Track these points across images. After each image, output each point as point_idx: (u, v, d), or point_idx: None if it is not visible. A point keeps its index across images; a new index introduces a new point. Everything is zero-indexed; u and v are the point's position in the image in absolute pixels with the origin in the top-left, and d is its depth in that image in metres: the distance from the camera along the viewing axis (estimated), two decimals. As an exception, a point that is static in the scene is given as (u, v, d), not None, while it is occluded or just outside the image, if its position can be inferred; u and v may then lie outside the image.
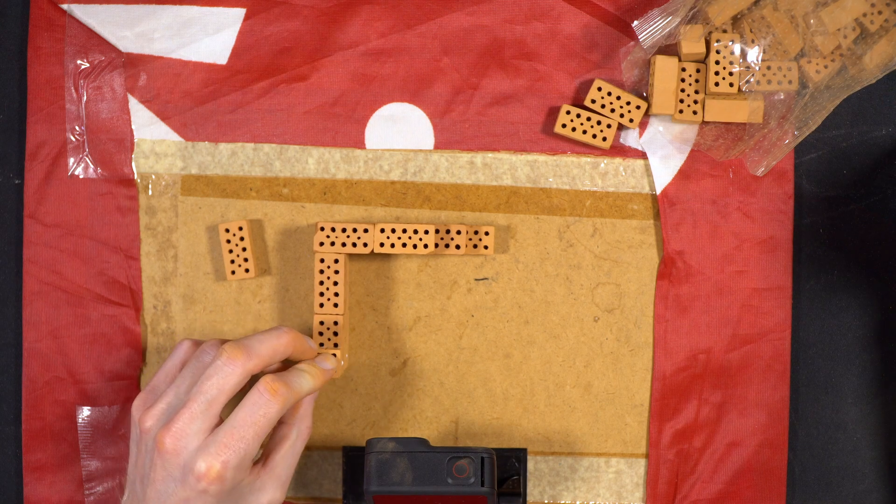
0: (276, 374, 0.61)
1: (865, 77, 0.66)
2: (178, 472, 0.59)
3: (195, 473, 0.58)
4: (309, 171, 0.69)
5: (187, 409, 0.59)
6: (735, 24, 0.67)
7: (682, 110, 0.67)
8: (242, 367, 0.60)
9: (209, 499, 0.59)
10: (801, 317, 0.70)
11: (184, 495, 0.59)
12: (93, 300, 0.69)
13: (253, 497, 0.61)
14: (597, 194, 0.69)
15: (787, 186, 0.69)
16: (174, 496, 0.59)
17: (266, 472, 0.62)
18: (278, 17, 0.69)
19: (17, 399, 0.70)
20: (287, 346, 0.62)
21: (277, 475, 0.62)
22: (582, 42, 0.69)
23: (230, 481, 0.59)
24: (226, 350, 0.60)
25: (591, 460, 0.70)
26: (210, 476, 0.58)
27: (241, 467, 0.59)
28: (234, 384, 0.60)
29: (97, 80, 0.69)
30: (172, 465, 0.59)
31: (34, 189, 0.69)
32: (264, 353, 0.61)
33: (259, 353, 0.61)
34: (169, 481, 0.59)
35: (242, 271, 0.68)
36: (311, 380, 0.63)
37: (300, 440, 0.63)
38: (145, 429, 0.61)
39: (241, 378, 0.60)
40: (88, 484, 0.69)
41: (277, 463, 0.62)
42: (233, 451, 0.58)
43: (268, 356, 0.61)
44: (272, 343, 0.62)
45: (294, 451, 0.63)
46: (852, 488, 0.70)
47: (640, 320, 0.70)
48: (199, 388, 0.60)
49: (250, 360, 0.60)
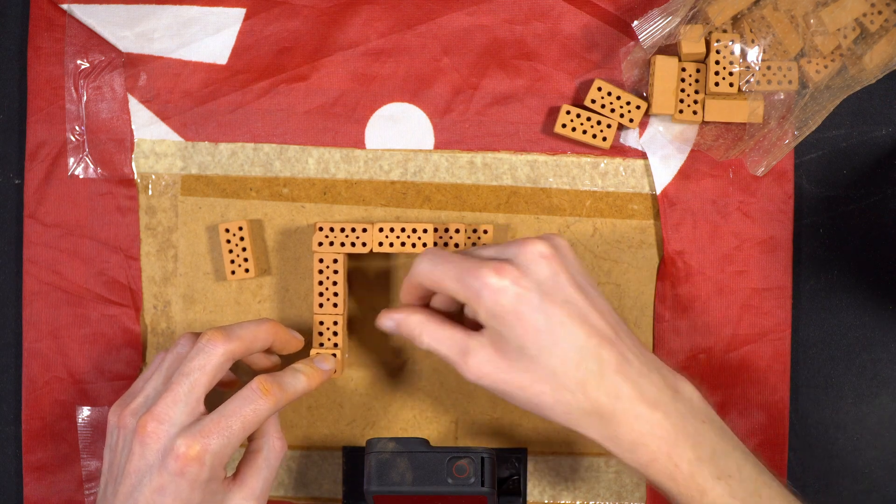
0: (270, 374, 0.61)
1: (865, 77, 0.66)
2: (156, 456, 0.58)
3: (174, 453, 0.57)
4: (309, 171, 0.69)
5: (169, 392, 0.59)
6: (735, 24, 0.67)
7: (682, 110, 0.67)
8: (223, 346, 0.60)
9: (183, 484, 0.57)
10: (801, 317, 0.70)
11: (159, 482, 0.57)
12: (93, 300, 0.69)
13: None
14: (597, 194, 0.69)
15: (787, 186, 0.69)
16: (148, 486, 0.58)
17: (237, 485, 0.61)
18: (278, 17, 0.69)
19: (17, 399, 0.70)
20: (268, 333, 0.62)
21: (250, 488, 0.61)
22: (582, 42, 0.69)
23: (208, 467, 0.58)
24: (206, 333, 0.60)
25: (591, 460, 0.70)
26: (189, 455, 0.57)
27: (220, 455, 0.58)
28: (215, 364, 0.60)
29: (97, 80, 0.69)
30: (152, 449, 0.58)
31: (34, 189, 0.69)
32: (244, 335, 0.61)
33: (239, 336, 0.61)
34: (144, 471, 0.58)
35: (242, 271, 0.68)
36: (305, 380, 0.62)
37: (273, 454, 0.62)
38: (124, 424, 0.60)
39: (222, 359, 0.60)
40: (88, 484, 0.69)
41: (249, 476, 0.61)
42: (216, 437, 0.58)
43: (248, 339, 0.61)
44: (252, 328, 0.62)
45: (268, 465, 0.62)
46: (852, 488, 0.70)
47: (640, 320, 0.70)
48: (180, 370, 0.60)
49: (230, 342, 0.60)
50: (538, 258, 0.58)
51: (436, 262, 0.60)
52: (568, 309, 0.58)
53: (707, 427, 0.59)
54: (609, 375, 0.57)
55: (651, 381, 0.58)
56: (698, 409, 0.59)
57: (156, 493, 0.58)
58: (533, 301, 0.57)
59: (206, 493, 0.59)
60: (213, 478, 0.58)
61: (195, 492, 0.58)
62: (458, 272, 0.59)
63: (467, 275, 0.58)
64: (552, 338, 0.57)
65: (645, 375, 0.58)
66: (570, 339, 0.57)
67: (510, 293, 0.57)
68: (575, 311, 0.58)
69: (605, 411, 0.57)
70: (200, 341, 0.60)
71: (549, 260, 0.58)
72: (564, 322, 0.58)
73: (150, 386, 0.61)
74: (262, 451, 0.62)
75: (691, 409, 0.59)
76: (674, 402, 0.58)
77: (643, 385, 0.58)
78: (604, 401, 0.57)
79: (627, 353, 0.58)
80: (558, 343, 0.57)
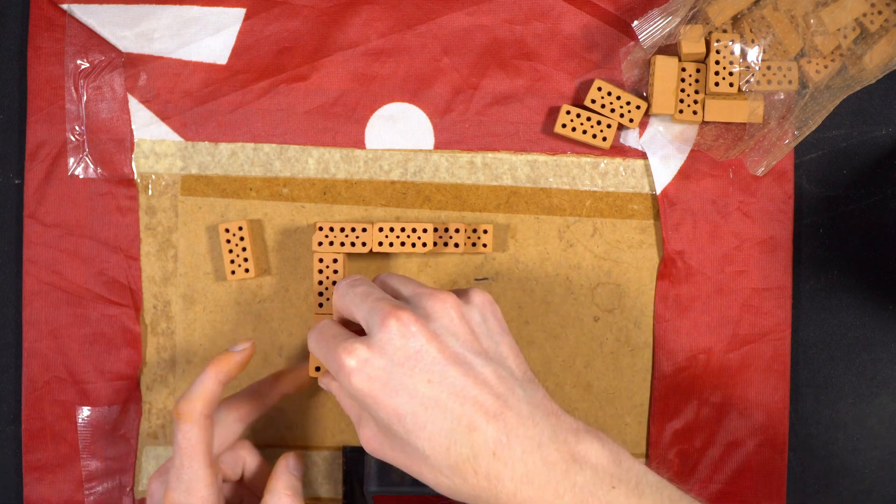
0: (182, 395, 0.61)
1: (865, 77, 0.66)
2: None
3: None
4: (309, 171, 0.69)
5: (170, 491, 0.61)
6: (735, 24, 0.67)
7: (682, 110, 0.67)
8: (188, 423, 0.60)
9: None
10: (801, 317, 0.70)
11: None
12: (93, 300, 0.69)
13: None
14: (597, 194, 0.69)
15: (787, 186, 0.69)
16: None
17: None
18: (278, 17, 0.69)
19: (17, 399, 0.70)
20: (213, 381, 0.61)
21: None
22: (582, 42, 0.69)
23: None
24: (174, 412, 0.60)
25: (591, 460, 0.70)
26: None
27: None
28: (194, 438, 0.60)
29: (97, 80, 0.69)
30: None
31: (34, 189, 0.69)
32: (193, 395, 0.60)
33: (188, 398, 0.60)
34: None
35: (242, 271, 0.68)
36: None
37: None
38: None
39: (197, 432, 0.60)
40: (88, 484, 0.69)
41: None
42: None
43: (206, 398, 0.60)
44: (199, 388, 0.61)
45: None
46: (852, 488, 0.70)
47: (640, 320, 0.70)
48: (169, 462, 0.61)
49: (193, 414, 0.60)
50: (408, 328, 0.54)
51: (314, 332, 0.58)
52: (435, 387, 0.53)
53: (617, 493, 0.52)
54: (485, 459, 0.52)
55: (541, 456, 0.52)
56: (605, 475, 0.52)
57: None
58: (390, 382, 0.53)
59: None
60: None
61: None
62: (326, 348, 0.56)
63: (329, 353, 0.55)
64: (416, 421, 0.53)
65: (532, 451, 0.52)
66: (436, 422, 0.52)
67: (362, 375, 0.53)
68: (445, 388, 0.53)
69: (489, 496, 0.52)
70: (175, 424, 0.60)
71: (419, 330, 0.54)
72: (429, 403, 0.53)
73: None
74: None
75: (595, 478, 0.52)
76: (570, 476, 0.52)
77: (529, 464, 0.52)
78: (484, 485, 0.52)
79: (513, 427, 0.53)
80: (425, 427, 0.52)
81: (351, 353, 0.54)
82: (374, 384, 0.53)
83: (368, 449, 0.56)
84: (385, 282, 0.61)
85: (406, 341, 0.54)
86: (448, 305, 0.55)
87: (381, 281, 0.61)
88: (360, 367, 0.54)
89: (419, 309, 0.55)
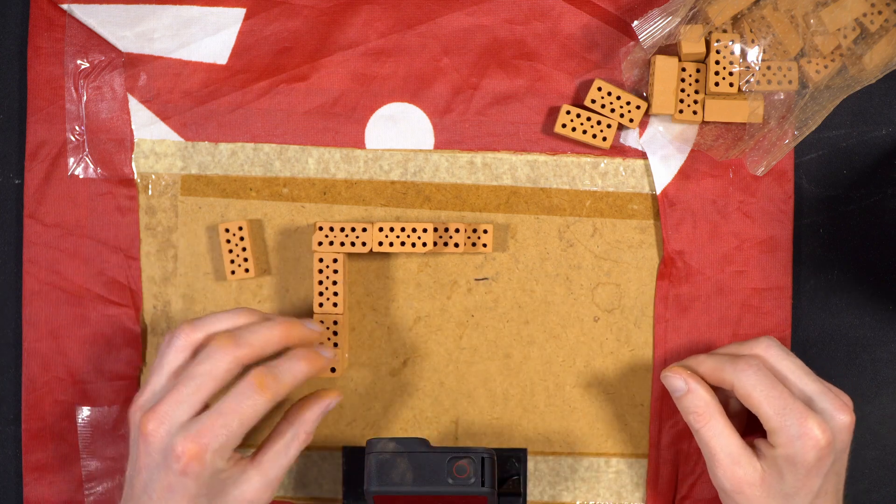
0: (267, 366, 0.60)
1: (865, 77, 0.66)
2: (159, 456, 0.58)
3: (174, 454, 0.57)
4: (309, 171, 0.69)
5: (173, 392, 0.59)
6: (735, 24, 0.67)
7: (682, 110, 0.67)
8: (232, 354, 0.59)
9: (189, 482, 0.58)
10: (801, 317, 0.70)
11: (167, 481, 0.58)
12: (93, 300, 0.69)
13: (237, 490, 0.60)
14: (597, 194, 0.69)
15: (787, 186, 0.69)
16: (158, 483, 0.58)
17: (253, 467, 0.61)
18: (278, 17, 0.69)
19: (17, 399, 0.70)
20: (281, 338, 0.61)
21: (264, 471, 0.61)
22: (582, 42, 0.69)
23: (209, 465, 0.58)
24: (216, 338, 0.60)
25: (591, 460, 0.70)
26: (187, 456, 0.57)
27: (220, 452, 0.58)
28: (223, 371, 0.59)
29: (97, 80, 0.69)
30: (154, 448, 0.58)
31: (34, 189, 0.69)
32: (255, 342, 0.60)
33: (249, 343, 0.60)
34: (153, 468, 0.58)
35: (242, 271, 0.68)
36: (305, 366, 0.61)
37: (296, 442, 0.62)
38: (133, 419, 0.61)
39: (231, 366, 0.59)
40: (88, 484, 0.69)
41: (267, 459, 0.61)
42: (213, 435, 0.58)
43: (259, 346, 0.60)
44: (263, 334, 0.61)
45: (287, 452, 0.62)
46: (852, 488, 0.70)
47: (640, 320, 0.70)
48: (187, 373, 0.59)
49: (240, 349, 0.60)
50: (846, 430, 0.61)
51: (762, 384, 0.61)
52: (830, 481, 0.62)
53: None
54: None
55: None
56: None
57: (166, 492, 0.58)
58: (826, 466, 0.61)
59: (214, 483, 0.59)
60: (219, 469, 0.59)
61: (202, 486, 0.58)
62: (782, 405, 0.61)
63: (791, 413, 0.60)
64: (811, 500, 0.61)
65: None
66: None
67: (820, 451, 0.60)
68: (832, 486, 0.62)
69: None
70: (211, 346, 0.60)
71: (847, 435, 0.62)
72: (821, 494, 0.61)
73: (156, 381, 0.61)
74: (286, 437, 0.62)
75: None
76: None
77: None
78: None
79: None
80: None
81: (824, 430, 0.60)
82: (820, 462, 0.61)
83: (733, 484, 0.62)
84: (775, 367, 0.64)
85: (844, 440, 0.62)
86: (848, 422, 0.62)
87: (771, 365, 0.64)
88: (824, 446, 0.60)
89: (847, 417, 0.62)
